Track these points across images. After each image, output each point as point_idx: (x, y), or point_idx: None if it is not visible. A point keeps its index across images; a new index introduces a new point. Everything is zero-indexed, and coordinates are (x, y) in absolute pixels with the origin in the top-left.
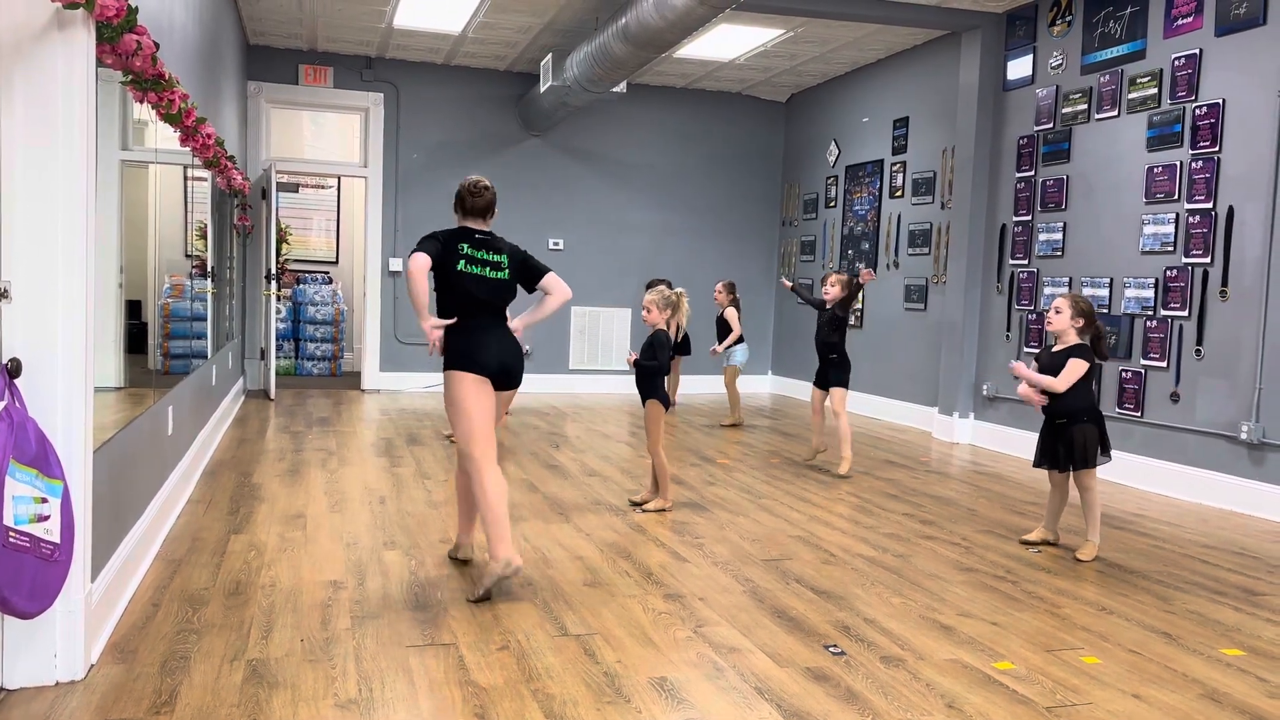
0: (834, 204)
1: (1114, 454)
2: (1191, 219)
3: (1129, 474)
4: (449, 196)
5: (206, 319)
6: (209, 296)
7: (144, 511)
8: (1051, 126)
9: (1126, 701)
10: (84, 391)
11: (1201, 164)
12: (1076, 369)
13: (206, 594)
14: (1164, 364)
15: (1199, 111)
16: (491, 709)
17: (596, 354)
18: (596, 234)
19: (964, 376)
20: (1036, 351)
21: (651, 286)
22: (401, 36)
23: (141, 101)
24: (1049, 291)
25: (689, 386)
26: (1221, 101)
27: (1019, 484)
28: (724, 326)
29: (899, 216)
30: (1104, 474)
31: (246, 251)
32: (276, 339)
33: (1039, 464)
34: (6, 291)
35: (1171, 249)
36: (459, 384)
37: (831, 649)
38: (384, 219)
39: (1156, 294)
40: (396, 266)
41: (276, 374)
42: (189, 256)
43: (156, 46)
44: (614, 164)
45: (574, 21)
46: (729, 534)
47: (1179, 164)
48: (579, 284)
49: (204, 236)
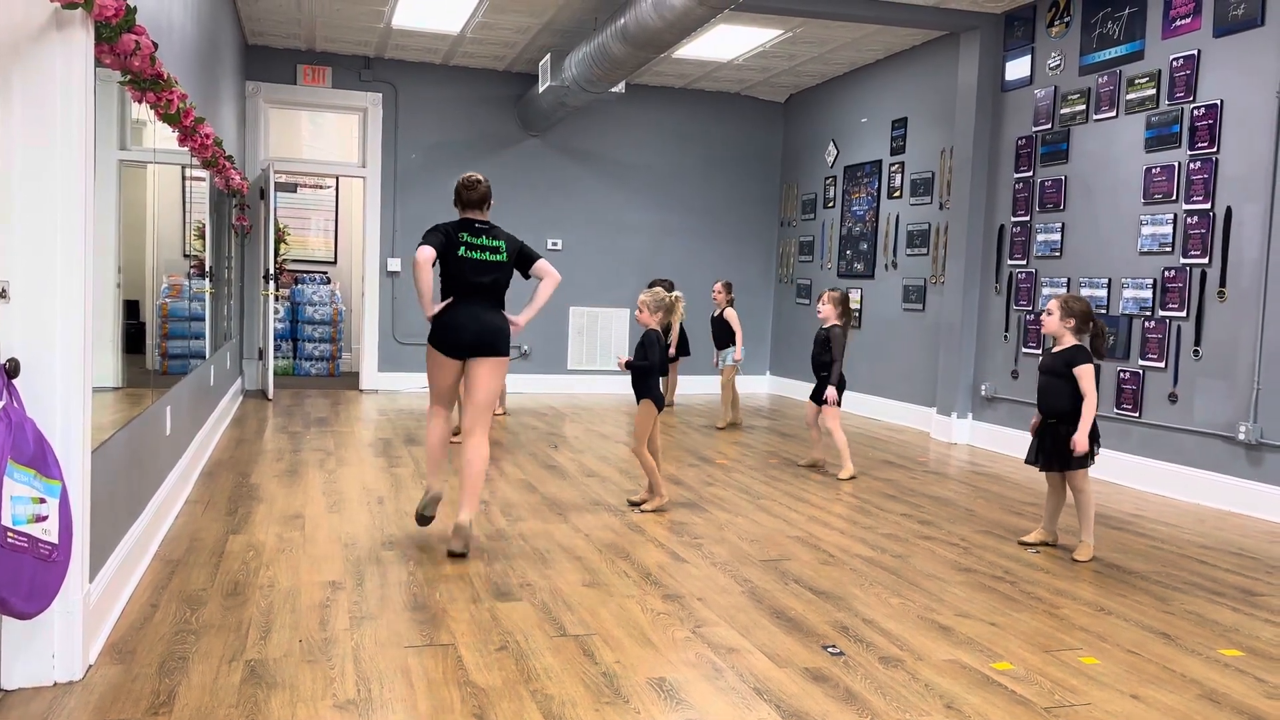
0: (832, 204)
1: (1112, 454)
2: (1189, 220)
3: (1127, 474)
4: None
5: (205, 319)
6: (207, 296)
7: (142, 512)
8: (1050, 127)
9: (1125, 702)
10: (82, 392)
11: (1199, 165)
12: (1087, 375)
13: (205, 594)
14: (1162, 364)
15: (1197, 112)
16: (490, 709)
17: (595, 354)
18: (595, 234)
19: (962, 377)
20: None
21: (652, 286)
22: (400, 37)
23: (140, 101)
24: (1047, 292)
25: (687, 387)
26: (1219, 102)
27: (1017, 484)
28: (722, 327)
29: (897, 217)
30: (1103, 474)
31: (245, 251)
32: (275, 339)
33: (1028, 460)
34: (5, 291)
35: (1170, 250)
36: (428, 356)
37: (830, 649)
38: (382, 219)
39: (1154, 295)
40: (395, 266)
41: (275, 374)
42: (187, 256)
43: (155, 46)
44: (612, 164)
45: (572, 22)
46: (727, 534)
47: (1177, 165)
48: (577, 284)
49: (202, 236)
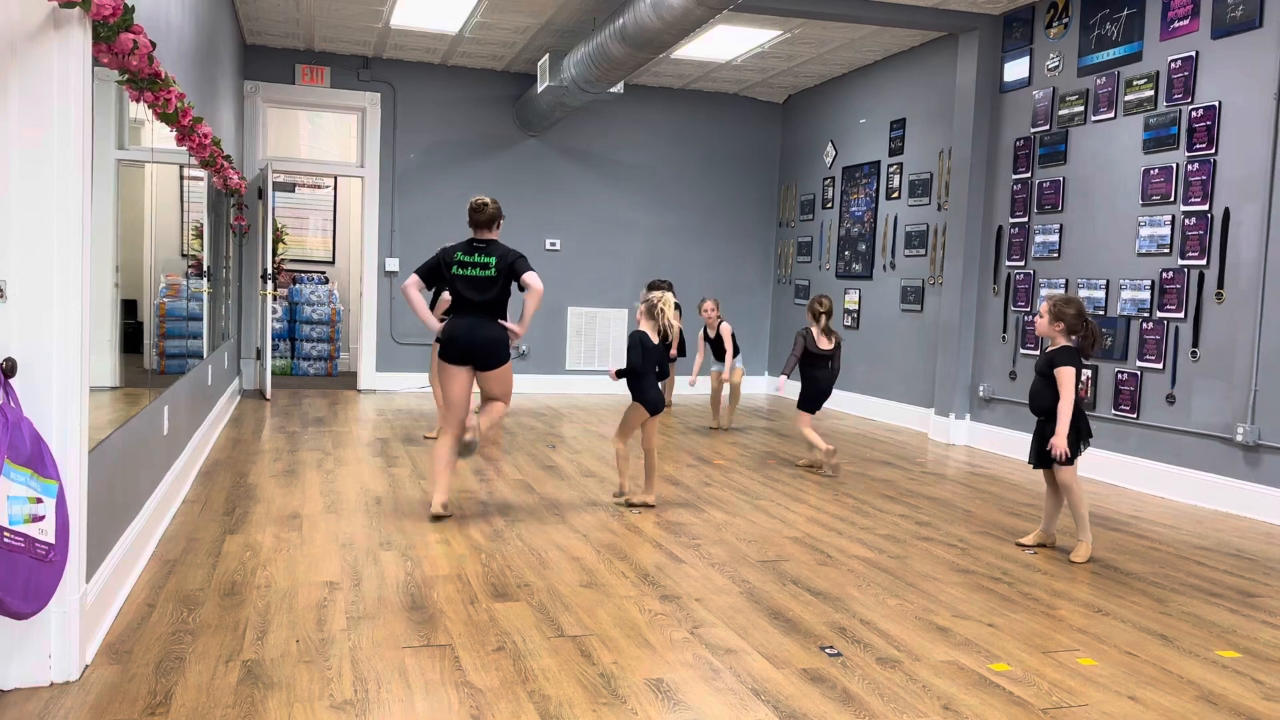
0: (831, 205)
1: (1110, 456)
2: (1187, 221)
3: (1125, 475)
4: (446, 197)
5: (202, 319)
6: (205, 296)
7: (139, 512)
8: (1048, 128)
9: (1122, 703)
10: (79, 391)
11: (1197, 166)
12: (1065, 379)
13: (202, 595)
14: (1160, 366)
15: (1195, 114)
16: (487, 710)
17: (593, 355)
18: (593, 235)
19: (960, 378)
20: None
21: (652, 287)
22: (399, 36)
23: (138, 101)
24: (1045, 293)
25: (685, 388)
26: (1218, 104)
27: (1015, 485)
28: (720, 344)
29: (896, 218)
30: (1101, 475)
31: (243, 251)
32: (272, 339)
33: (1029, 461)
34: (2, 290)
35: (1167, 251)
36: (440, 370)
37: (828, 650)
38: (380, 219)
39: (1152, 296)
40: (393, 266)
41: (272, 374)
42: (185, 256)
43: (153, 45)
44: (611, 165)
45: (571, 22)
46: (725, 535)
47: (1175, 166)
48: (575, 285)
49: (200, 236)
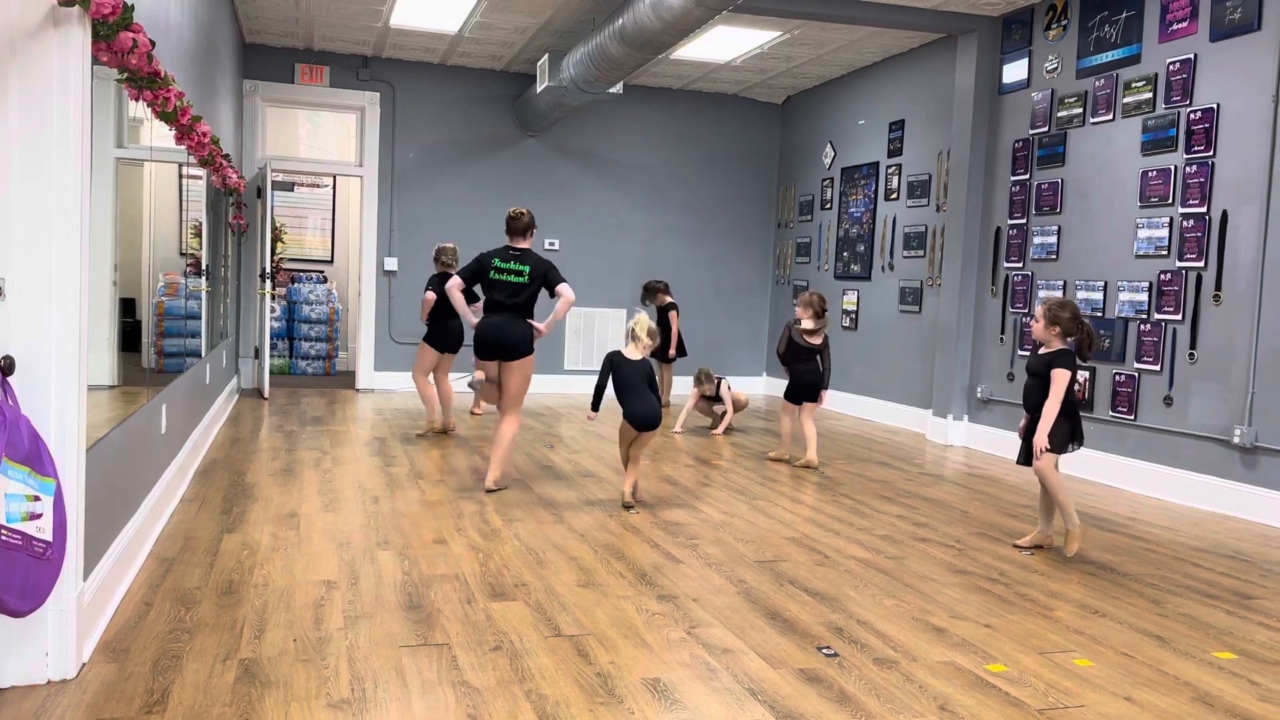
0: (830, 206)
1: (1108, 457)
2: (1185, 223)
3: (1122, 477)
4: (444, 196)
5: (201, 317)
6: (203, 295)
7: (137, 510)
8: (1047, 130)
9: (1118, 704)
10: (77, 390)
11: (1196, 168)
12: (1059, 380)
13: (199, 593)
14: (1157, 368)
15: (1193, 116)
16: (484, 709)
17: (592, 355)
18: (592, 235)
19: (958, 379)
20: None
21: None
22: (398, 36)
23: (137, 99)
24: (1043, 294)
25: (683, 389)
26: (1216, 106)
27: (1012, 486)
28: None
29: (894, 219)
30: (1098, 477)
31: (241, 250)
32: (271, 338)
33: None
34: (1, 288)
35: (1165, 253)
36: (475, 364)
37: (825, 650)
38: (379, 218)
39: (1150, 298)
40: (392, 266)
41: (271, 373)
42: (184, 255)
43: (152, 44)
44: (610, 165)
45: (571, 22)
46: (723, 535)
47: (1173, 168)
48: (574, 285)
49: (199, 235)
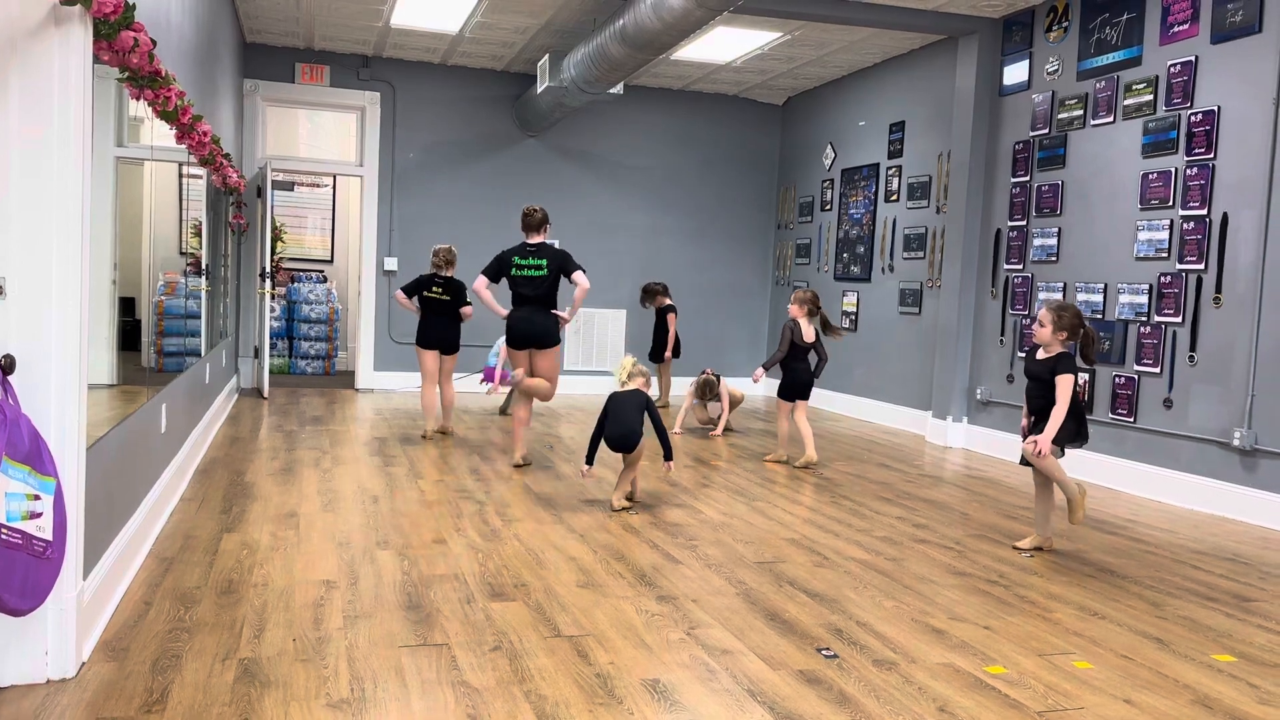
0: (829, 207)
1: (1107, 459)
2: (1186, 225)
3: (1121, 479)
4: (445, 196)
5: (200, 317)
6: (203, 294)
7: (136, 509)
8: (1047, 132)
9: (1118, 706)
10: (78, 389)
11: (1196, 170)
12: (1066, 386)
13: (198, 592)
14: (1157, 370)
15: (1194, 118)
16: (484, 709)
17: (590, 355)
18: (592, 235)
19: (958, 380)
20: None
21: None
22: (398, 36)
23: (138, 98)
24: (1043, 297)
25: (682, 389)
26: (1217, 108)
27: (1012, 488)
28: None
29: (894, 220)
30: (1098, 479)
31: (241, 249)
32: (270, 337)
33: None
34: (1, 287)
35: (1166, 255)
36: (508, 353)
37: (824, 652)
38: (379, 218)
39: (1150, 300)
40: (392, 265)
41: (270, 372)
42: (183, 254)
43: (153, 43)
44: (610, 165)
45: (571, 23)
46: (722, 536)
47: (1174, 170)
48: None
49: (199, 234)
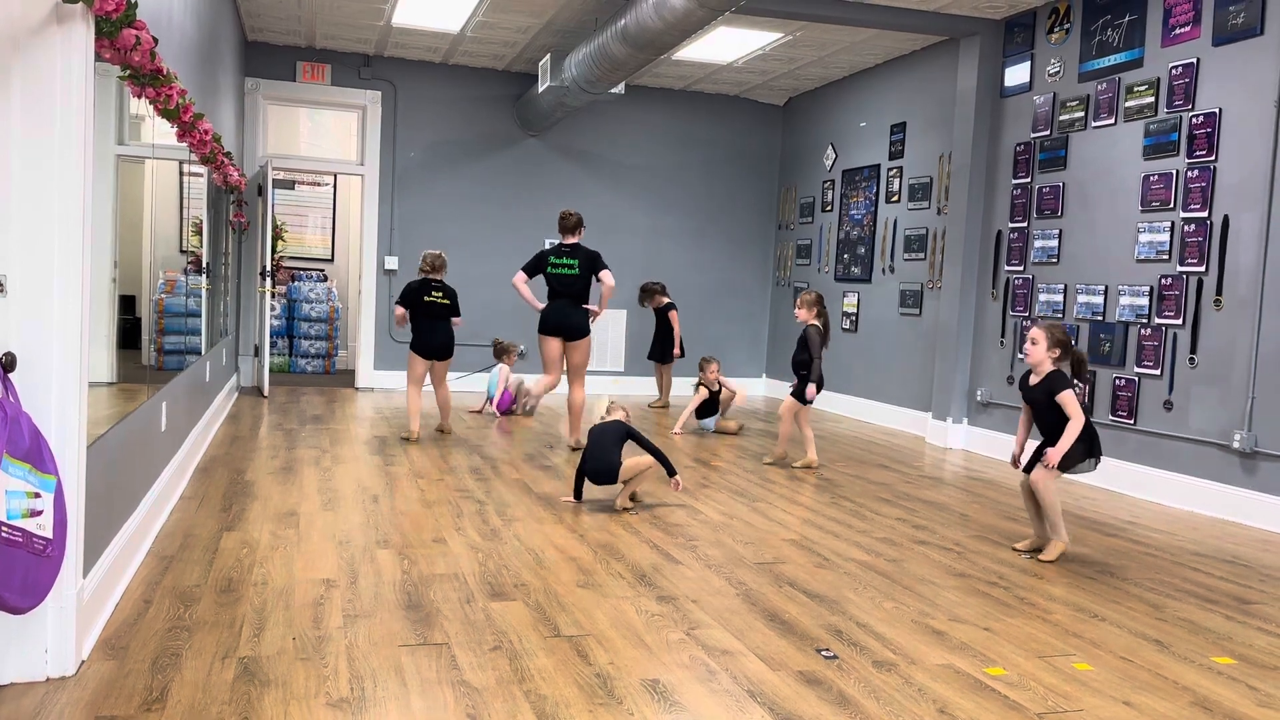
0: (830, 208)
1: (1107, 461)
2: (1187, 228)
3: (1122, 481)
4: (445, 196)
5: (201, 315)
6: (203, 293)
7: (136, 508)
8: (1048, 133)
9: (1117, 708)
10: (78, 387)
11: (1197, 173)
12: (1072, 400)
13: (198, 591)
14: (1158, 372)
15: (1195, 120)
16: (483, 709)
17: (591, 355)
18: (593, 235)
19: (958, 382)
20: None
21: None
22: (400, 35)
23: (139, 96)
24: (1044, 298)
25: (681, 389)
26: (1218, 111)
27: (1012, 490)
28: (716, 400)
29: (895, 221)
30: (1098, 481)
31: (242, 248)
32: (271, 336)
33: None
34: (2, 285)
35: (1166, 257)
36: (539, 339)
37: (824, 653)
38: (380, 217)
39: (1151, 302)
40: (392, 265)
41: (270, 371)
42: (184, 252)
43: (155, 41)
44: (611, 165)
45: (573, 22)
46: (722, 536)
47: (1175, 172)
48: None
49: (199, 232)
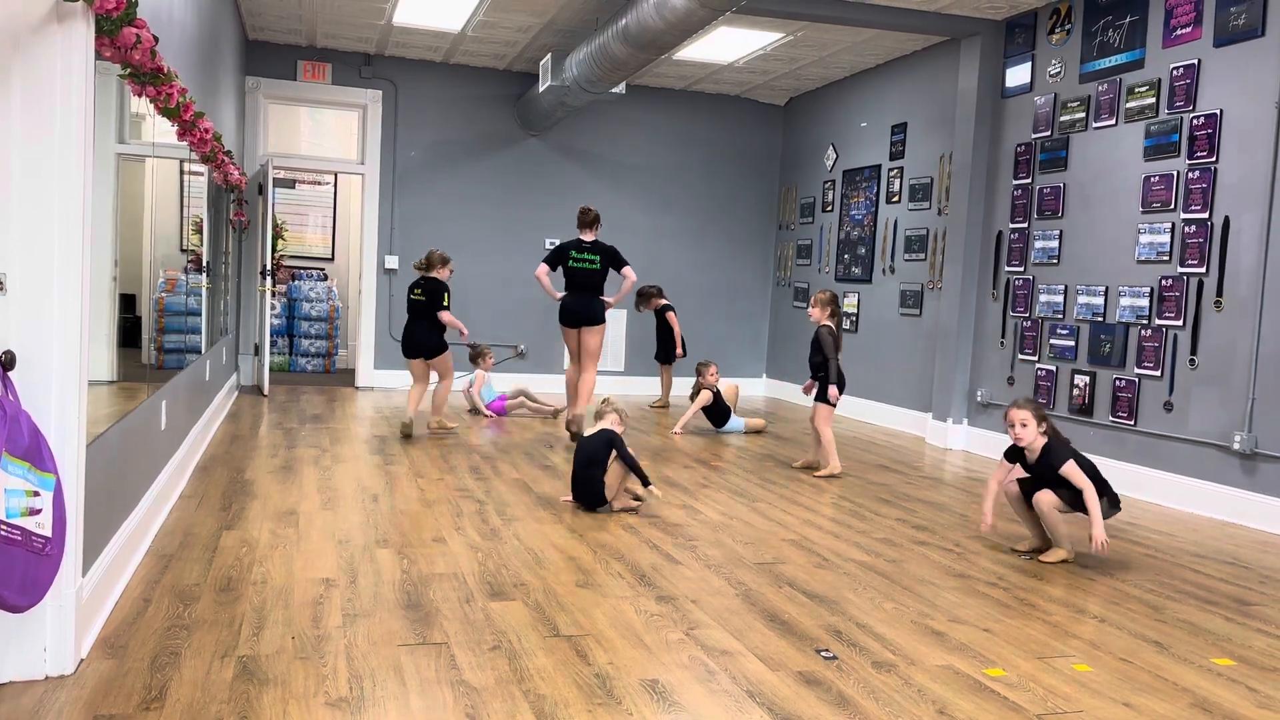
0: (831, 208)
1: (1107, 463)
2: (1187, 229)
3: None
4: (446, 195)
5: (201, 314)
6: (204, 291)
7: (136, 506)
8: (1049, 134)
9: (1117, 710)
10: (78, 385)
11: (1198, 174)
12: (1077, 471)
13: (198, 590)
14: (1158, 373)
15: (1196, 121)
16: (482, 708)
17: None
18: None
19: (958, 382)
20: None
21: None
22: (401, 34)
23: (139, 95)
24: (1044, 299)
25: (682, 389)
26: (1219, 112)
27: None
28: (720, 403)
29: (895, 222)
30: None
31: (242, 247)
32: (271, 335)
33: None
34: (2, 284)
35: (1167, 258)
36: (561, 330)
37: (823, 653)
38: (380, 216)
39: (1151, 303)
40: (392, 264)
41: (270, 370)
42: (184, 251)
43: (156, 40)
44: (612, 165)
45: (574, 22)
46: (722, 536)
47: (1176, 174)
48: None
49: (200, 231)
